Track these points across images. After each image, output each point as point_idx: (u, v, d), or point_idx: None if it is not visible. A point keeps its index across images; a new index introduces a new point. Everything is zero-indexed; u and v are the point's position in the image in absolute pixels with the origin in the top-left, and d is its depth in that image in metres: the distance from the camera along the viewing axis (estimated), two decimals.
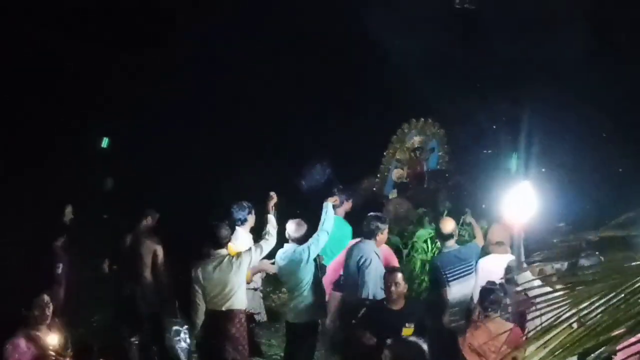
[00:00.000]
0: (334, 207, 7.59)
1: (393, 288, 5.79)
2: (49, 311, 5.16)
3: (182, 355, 4.65)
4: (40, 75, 11.67)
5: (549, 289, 2.52)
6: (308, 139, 12.29)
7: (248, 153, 11.83)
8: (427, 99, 11.35)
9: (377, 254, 6.72)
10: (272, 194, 6.75)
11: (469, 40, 12.45)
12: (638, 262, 2.08)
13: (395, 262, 7.28)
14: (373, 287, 6.47)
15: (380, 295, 6.29)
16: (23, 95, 11.43)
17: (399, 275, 5.85)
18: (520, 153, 10.44)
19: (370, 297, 6.42)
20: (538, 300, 2.32)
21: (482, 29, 12.43)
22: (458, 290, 6.55)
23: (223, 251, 6.39)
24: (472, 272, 6.62)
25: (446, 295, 6.60)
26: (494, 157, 11.00)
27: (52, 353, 4.82)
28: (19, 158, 10.73)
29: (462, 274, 6.59)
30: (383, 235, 6.89)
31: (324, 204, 6.83)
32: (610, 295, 2.16)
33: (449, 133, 11.41)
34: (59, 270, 7.62)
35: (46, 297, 5.20)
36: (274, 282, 8.89)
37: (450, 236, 6.80)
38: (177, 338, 4.67)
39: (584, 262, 4.47)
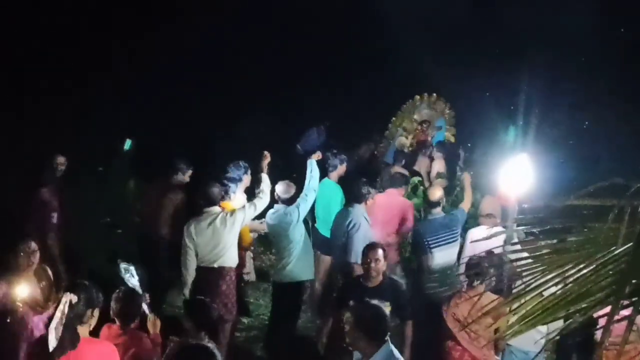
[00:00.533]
0: (327, 169, 7.65)
1: (373, 264, 5.55)
2: (35, 258, 5.14)
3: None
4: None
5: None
6: (308, 101, 12.26)
7: (247, 112, 11.76)
8: (429, 67, 11.29)
9: (366, 218, 6.76)
10: (266, 153, 6.75)
11: (473, 7, 12.38)
12: (609, 233, 2.09)
13: (410, 218, 7.40)
14: (361, 250, 6.47)
15: None
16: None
17: (380, 252, 5.59)
18: (520, 125, 10.42)
19: (359, 261, 6.37)
20: (513, 267, 2.35)
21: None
22: (440, 257, 6.58)
23: (216, 208, 6.40)
24: (456, 239, 6.67)
25: (427, 262, 6.64)
26: (493, 128, 10.98)
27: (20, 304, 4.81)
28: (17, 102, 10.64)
29: (446, 241, 6.63)
30: (372, 200, 6.93)
31: (308, 162, 6.86)
32: (581, 266, 2.18)
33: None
34: (54, 220, 7.59)
35: (33, 244, 5.17)
36: (264, 243, 8.93)
37: (437, 204, 6.84)
38: (127, 275, 4.76)
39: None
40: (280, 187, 6.78)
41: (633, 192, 2.04)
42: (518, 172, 4.86)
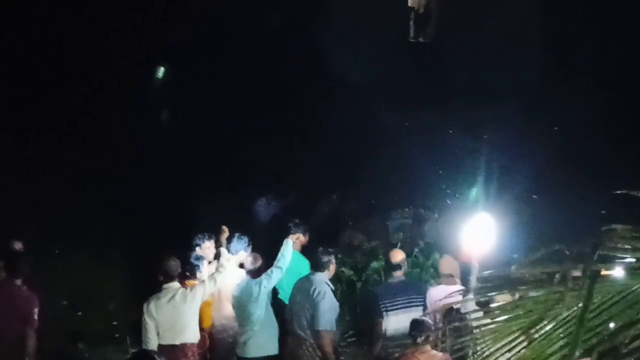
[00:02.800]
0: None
1: None
2: None
3: None
4: None
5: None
6: (269, 171, 12.31)
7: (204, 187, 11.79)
8: (385, 127, 11.51)
9: (329, 285, 6.72)
10: (224, 227, 6.82)
11: (428, 67, 12.71)
12: (556, 297, 2.16)
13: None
14: (329, 318, 6.46)
15: (335, 326, 6.36)
16: None
17: None
18: (479, 184, 10.61)
19: (329, 328, 6.41)
20: (464, 333, 2.38)
21: (441, 56, 12.75)
22: (396, 321, 6.49)
23: (175, 284, 6.36)
24: (415, 306, 6.60)
25: (380, 326, 6.56)
26: (452, 188, 11.15)
27: None
28: None
29: (403, 306, 6.58)
30: (333, 267, 6.91)
31: (285, 241, 6.92)
32: (532, 331, 2.23)
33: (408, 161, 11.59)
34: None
35: None
36: None
37: (398, 266, 6.80)
38: None
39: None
40: (247, 259, 6.79)
41: (574, 258, 2.11)
42: (477, 233, 4.96)
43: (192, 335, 6.31)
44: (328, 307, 6.44)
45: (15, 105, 11.37)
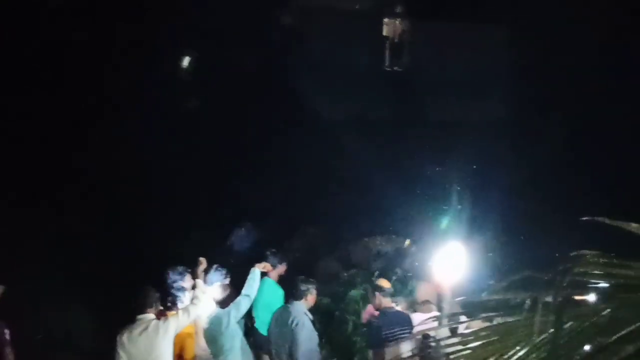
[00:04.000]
0: (265, 272, 7.64)
1: None
2: None
3: None
4: None
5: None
6: (245, 202, 12.30)
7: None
8: (356, 157, 11.59)
9: (308, 315, 6.73)
10: (202, 259, 6.76)
11: (401, 97, 12.87)
12: (528, 322, 2.18)
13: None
14: (308, 348, 6.46)
15: (314, 357, 6.31)
16: None
17: None
18: (452, 212, 10.70)
19: (306, 359, 6.39)
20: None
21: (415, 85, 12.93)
22: (393, 352, 6.46)
23: (149, 315, 6.27)
24: (407, 336, 6.59)
25: (384, 357, 6.57)
26: (425, 217, 11.22)
27: None
28: None
29: (399, 337, 6.55)
30: (312, 296, 6.90)
31: (252, 269, 6.88)
32: (506, 357, 2.24)
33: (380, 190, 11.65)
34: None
35: None
36: None
37: (388, 293, 6.86)
38: None
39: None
40: (215, 289, 6.72)
41: (544, 283, 2.14)
42: (448, 261, 4.99)
43: None
44: (306, 337, 6.44)
45: None
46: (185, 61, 12.99)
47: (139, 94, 12.25)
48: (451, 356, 2.47)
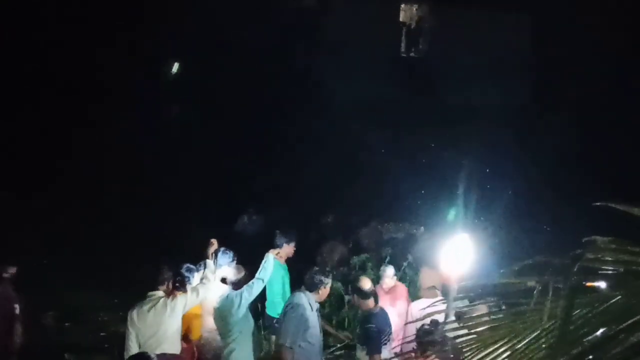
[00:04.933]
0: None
1: None
2: None
3: None
4: None
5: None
6: (259, 187, 12.35)
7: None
8: (367, 143, 11.59)
9: (312, 305, 6.46)
10: (213, 240, 6.78)
11: (415, 87, 12.82)
12: (539, 308, 2.18)
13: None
14: (293, 335, 6.18)
15: (297, 347, 6.11)
16: None
17: None
18: (460, 202, 10.66)
19: (288, 344, 6.14)
20: (450, 343, 2.40)
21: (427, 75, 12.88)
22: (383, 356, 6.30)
23: (159, 293, 6.32)
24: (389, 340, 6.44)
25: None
26: (435, 205, 11.19)
27: None
28: None
29: (387, 340, 6.41)
30: (326, 289, 6.60)
31: (266, 254, 6.86)
32: (515, 341, 2.25)
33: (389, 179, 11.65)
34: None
35: None
36: None
37: (369, 295, 6.55)
38: None
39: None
40: (229, 271, 6.73)
41: (555, 269, 2.14)
42: (458, 252, 4.96)
43: (172, 346, 6.21)
44: (295, 324, 6.20)
45: None
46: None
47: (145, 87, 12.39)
48: (459, 339, 2.48)
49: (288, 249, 7.83)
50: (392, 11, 14.20)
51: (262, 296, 7.32)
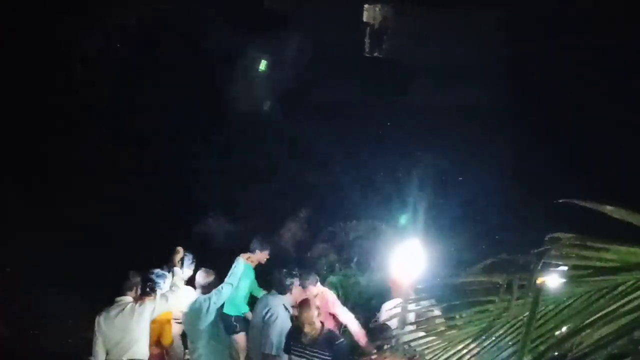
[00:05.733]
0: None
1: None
2: None
3: None
4: None
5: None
6: (226, 191, 12.27)
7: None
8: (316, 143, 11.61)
9: (287, 308, 6.50)
10: (179, 248, 6.80)
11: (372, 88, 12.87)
12: (505, 306, 2.19)
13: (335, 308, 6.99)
14: (277, 342, 6.20)
15: (281, 352, 6.09)
16: None
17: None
18: (420, 203, 10.66)
19: (274, 352, 6.16)
20: (416, 342, 2.40)
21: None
22: None
23: (127, 298, 6.26)
24: None
25: None
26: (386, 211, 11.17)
27: None
28: None
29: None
30: (298, 290, 6.62)
31: (237, 258, 6.86)
32: (483, 338, 2.26)
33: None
34: None
35: None
36: None
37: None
38: None
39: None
40: (199, 274, 6.72)
41: (519, 267, 2.15)
42: (408, 257, 5.00)
43: (140, 351, 6.15)
44: (278, 331, 6.22)
45: None
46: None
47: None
48: (424, 340, 2.48)
49: (260, 256, 7.76)
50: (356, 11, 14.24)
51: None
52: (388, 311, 6.24)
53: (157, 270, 6.87)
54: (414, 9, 13.87)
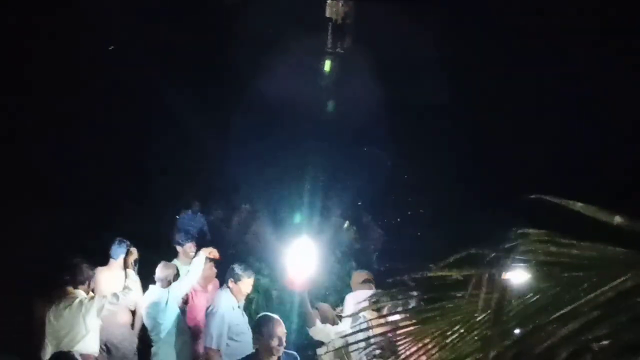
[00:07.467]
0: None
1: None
2: None
3: None
4: None
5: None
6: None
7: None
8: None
9: (231, 302, 6.43)
10: (132, 249, 6.79)
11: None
12: (471, 300, 2.18)
13: None
14: (218, 337, 6.18)
15: (222, 343, 6.11)
16: None
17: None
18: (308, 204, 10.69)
19: (214, 347, 6.15)
20: (377, 339, 2.38)
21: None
22: None
23: (79, 292, 6.20)
24: None
25: None
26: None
27: None
28: None
29: None
30: (243, 283, 6.52)
31: (197, 253, 6.89)
32: (448, 333, 2.24)
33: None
34: None
35: None
36: None
37: None
38: None
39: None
40: (158, 268, 6.77)
41: (488, 261, 2.14)
42: (301, 256, 4.99)
43: (87, 346, 6.15)
44: (217, 324, 6.19)
45: None
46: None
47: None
48: (386, 335, 2.47)
49: (186, 248, 7.82)
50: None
51: None
52: (358, 304, 6.20)
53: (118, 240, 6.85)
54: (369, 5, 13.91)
